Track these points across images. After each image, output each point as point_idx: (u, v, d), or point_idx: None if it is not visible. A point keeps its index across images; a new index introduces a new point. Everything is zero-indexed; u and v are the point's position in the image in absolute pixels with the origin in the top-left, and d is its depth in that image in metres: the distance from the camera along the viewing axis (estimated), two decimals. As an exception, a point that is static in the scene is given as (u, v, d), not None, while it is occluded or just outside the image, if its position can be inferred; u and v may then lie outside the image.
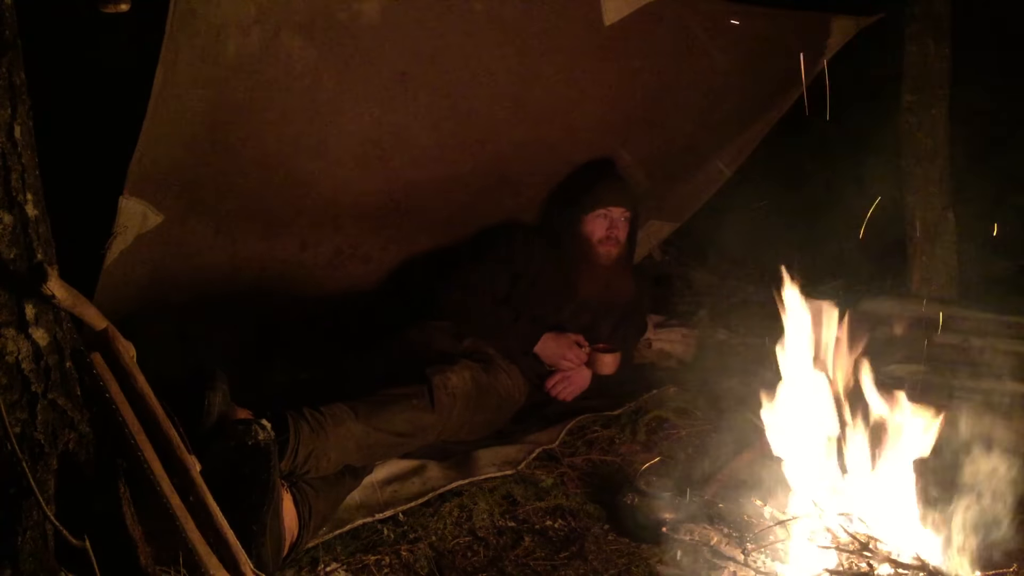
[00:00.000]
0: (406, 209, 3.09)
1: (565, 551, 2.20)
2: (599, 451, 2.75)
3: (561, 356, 3.08)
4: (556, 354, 3.08)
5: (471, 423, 2.76)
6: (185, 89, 2.15)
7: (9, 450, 1.60)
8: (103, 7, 1.81)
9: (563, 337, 3.09)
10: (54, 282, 1.65)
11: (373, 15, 2.28)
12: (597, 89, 2.96)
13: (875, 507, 2.02)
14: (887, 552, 1.90)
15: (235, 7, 2.08)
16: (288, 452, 2.18)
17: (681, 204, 4.04)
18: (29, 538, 1.63)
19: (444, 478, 2.50)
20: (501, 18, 2.49)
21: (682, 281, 4.47)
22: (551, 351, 3.08)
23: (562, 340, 3.08)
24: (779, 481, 2.40)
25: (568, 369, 3.10)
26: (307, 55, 2.28)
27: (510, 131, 2.93)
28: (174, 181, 2.40)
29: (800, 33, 3.24)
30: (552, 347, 3.07)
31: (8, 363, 1.64)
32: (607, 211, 3.14)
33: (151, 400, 1.79)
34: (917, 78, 3.34)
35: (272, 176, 2.61)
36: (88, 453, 1.76)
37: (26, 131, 1.65)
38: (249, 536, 1.85)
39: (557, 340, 3.08)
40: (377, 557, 2.13)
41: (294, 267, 3.04)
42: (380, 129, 2.64)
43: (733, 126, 3.64)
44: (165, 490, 1.70)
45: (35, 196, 1.68)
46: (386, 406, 2.48)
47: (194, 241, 2.67)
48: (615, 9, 2.64)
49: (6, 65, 1.60)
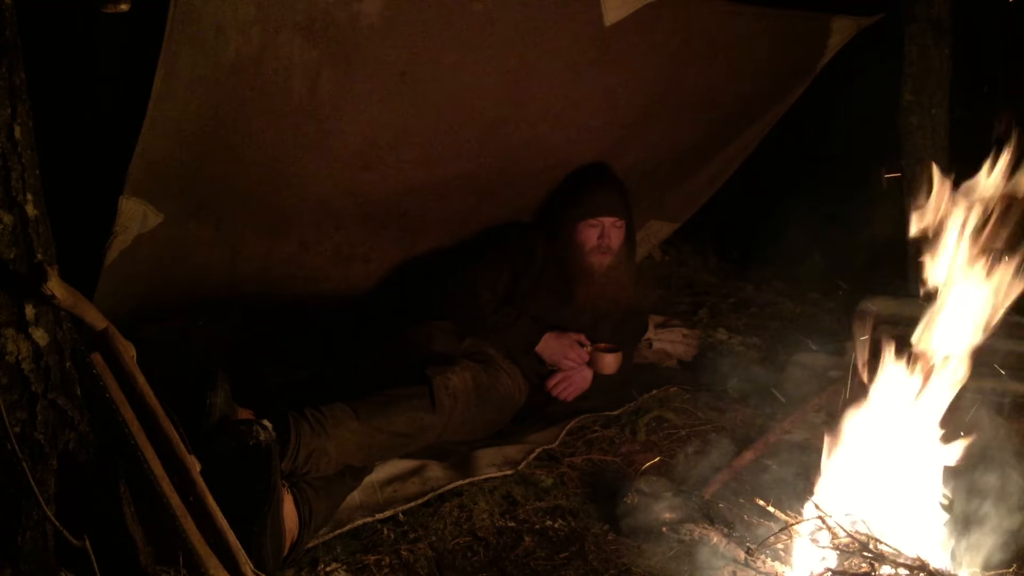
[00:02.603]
0: (406, 209, 3.09)
1: (565, 551, 2.20)
2: (599, 451, 2.75)
3: (563, 355, 3.08)
4: (558, 353, 3.08)
5: (472, 423, 2.76)
6: (185, 89, 2.15)
7: (9, 450, 1.60)
8: (103, 7, 1.81)
9: (564, 336, 3.09)
10: (54, 282, 1.65)
11: (373, 15, 2.28)
12: (597, 89, 2.95)
13: (876, 507, 2.02)
14: (888, 552, 1.90)
15: (235, 7, 2.08)
16: (289, 452, 2.19)
17: (681, 204, 4.04)
18: (29, 538, 1.64)
19: (444, 478, 2.50)
20: (501, 18, 2.49)
21: (682, 281, 4.48)
22: (553, 350, 3.08)
23: (563, 339, 3.08)
24: (779, 481, 2.41)
25: (569, 369, 3.10)
26: (307, 55, 2.28)
27: (510, 132, 2.93)
28: (174, 181, 2.40)
29: (800, 33, 3.24)
30: (554, 346, 3.07)
31: (8, 363, 1.64)
32: (598, 221, 3.13)
33: (151, 400, 1.79)
34: (917, 78, 3.35)
35: (272, 176, 2.61)
36: (88, 453, 1.76)
37: (26, 131, 1.65)
38: (249, 536, 1.85)
39: (559, 339, 3.08)
40: (377, 557, 2.13)
41: (294, 267, 3.04)
42: (380, 129, 2.64)
43: (733, 126, 3.64)
44: (165, 490, 1.70)
45: (35, 196, 1.68)
46: (387, 406, 2.48)
47: (194, 241, 2.67)
48: (615, 9, 2.63)
49: (6, 65, 1.60)
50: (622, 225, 3.17)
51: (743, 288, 4.34)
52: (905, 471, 2.06)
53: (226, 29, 2.10)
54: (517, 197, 3.34)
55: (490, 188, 3.19)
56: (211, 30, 2.08)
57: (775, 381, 3.06)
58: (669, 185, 3.81)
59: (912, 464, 2.06)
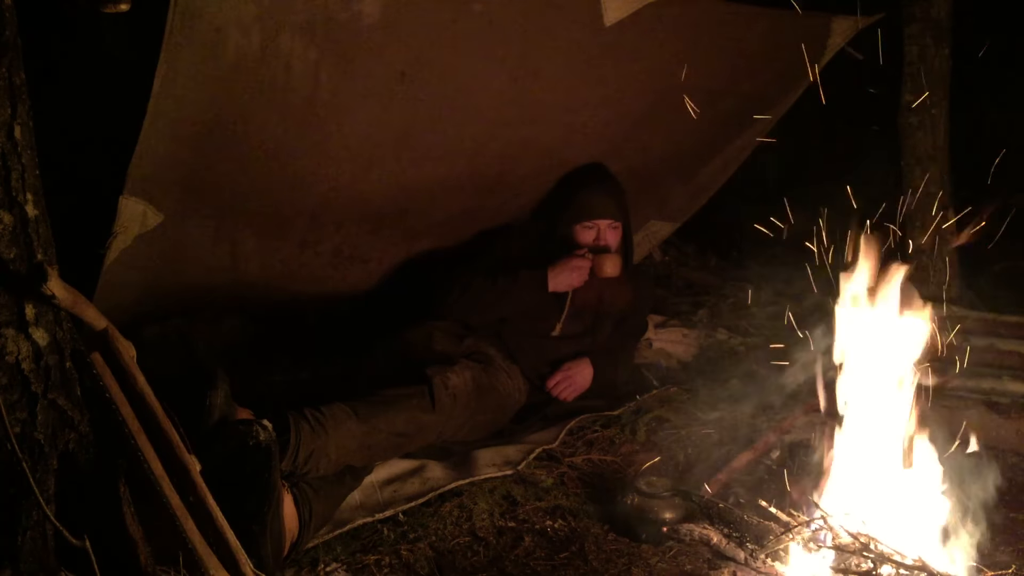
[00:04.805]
0: (406, 209, 3.09)
1: (565, 551, 2.20)
2: (599, 451, 2.75)
3: (574, 276, 3.05)
4: (569, 278, 3.05)
5: (471, 423, 2.76)
6: (185, 89, 2.15)
7: (9, 450, 1.60)
8: (103, 7, 1.81)
9: (564, 263, 3.05)
10: (54, 282, 1.65)
11: (373, 16, 2.28)
12: (597, 90, 2.95)
13: (877, 507, 2.02)
14: (888, 552, 1.90)
15: (235, 7, 2.08)
16: (289, 452, 2.19)
17: (681, 204, 4.04)
18: (29, 538, 1.63)
19: (444, 478, 2.50)
20: (501, 19, 2.49)
21: (682, 281, 4.48)
22: (563, 280, 3.05)
23: (565, 266, 3.05)
24: (779, 481, 2.41)
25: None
26: (307, 55, 2.28)
27: (510, 132, 2.93)
28: (174, 181, 2.40)
29: (800, 33, 3.23)
30: (563, 278, 3.04)
31: (8, 363, 1.64)
32: (593, 223, 3.12)
33: (151, 400, 1.79)
34: (917, 78, 3.35)
35: (272, 176, 2.61)
36: (88, 453, 1.76)
37: (26, 131, 1.65)
38: (249, 536, 1.85)
39: (562, 269, 3.05)
40: (377, 557, 2.13)
41: (294, 267, 3.04)
42: (380, 129, 2.64)
43: (733, 127, 3.64)
44: (165, 490, 1.70)
45: (35, 196, 1.68)
46: (387, 406, 2.48)
47: (194, 241, 2.67)
48: (615, 9, 2.63)
49: (6, 65, 1.60)
50: (618, 227, 3.16)
51: (743, 288, 4.34)
52: (903, 471, 2.06)
53: (226, 29, 2.10)
54: (517, 198, 3.34)
55: (490, 188, 3.19)
56: (211, 30, 2.08)
57: (775, 381, 3.05)
58: (669, 185, 3.81)
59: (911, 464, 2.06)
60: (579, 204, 3.14)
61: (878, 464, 2.08)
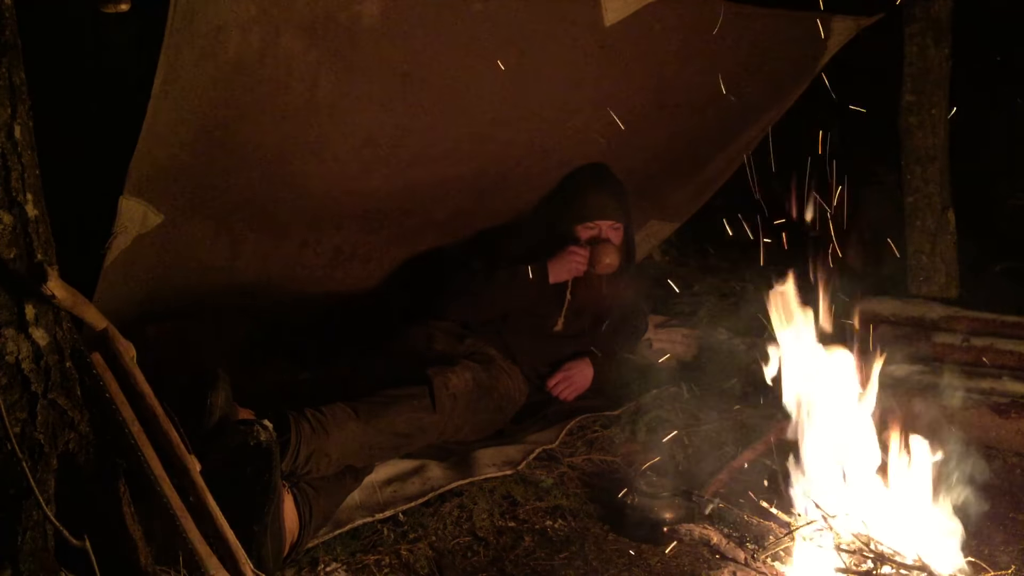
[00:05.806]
0: (406, 209, 3.09)
1: (565, 551, 2.20)
2: (599, 451, 2.75)
3: (572, 264, 3.06)
4: (568, 266, 3.06)
5: (472, 423, 2.76)
6: (185, 89, 2.15)
7: (9, 450, 1.60)
8: (103, 7, 1.81)
9: (563, 255, 3.06)
10: (54, 282, 1.65)
11: (374, 16, 2.28)
12: (597, 90, 2.95)
13: (877, 507, 2.02)
14: (889, 553, 1.90)
15: (235, 7, 2.08)
16: (289, 452, 2.19)
17: (681, 204, 4.04)
18: (29, 538, 1.63)
19: (444, 478, 2.50)
20: (501, 19, 2.49)
21: (682, 281, 4.48)
22: (564, 271, 3.06)
23: (564, 257, 3.06)
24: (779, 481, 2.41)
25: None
26: (308, 55, 2.28)
27: (510, 132, 2.93)
28: (174, 181, 2.40)
29: (800, 33, 3.24)
30: (561, 266, 3.06)
31: (8, 363, 1.64)
32: (595, 224, 3.12)
33: (151, 400, 1.79)
34: (917, 78, 3.35)
35: (272, 176, 2.60)
36: (88, 453, 1.76)
37: (26, 131, 1.65)
38: (250, 536, 1.85)
39: (561, 260, 3.06)
40: (377, 557, 2.13)
41: (294, 267, 3.04)
42: (380, 129, 2.64)
43: (733, 126, 3.63)
44: (165, 490, 1.70)
45: (35, 196, 1.68)
46: (387, 407, 2.48)
47: (194, 241, 2.67)
48: (615, 10, 2.63)
49: (6, 65, 1.60)
50: (620, 228, 3.16)
51: (743, 288, 4.34)
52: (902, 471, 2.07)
53: (226, 29, 2.10)
54: (517, 198, 3.34)
55: (490, 188, 3.19)
56: (211, 30, 2.07)
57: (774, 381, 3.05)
58: (669, 185, 3.81)
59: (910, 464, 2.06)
60: (581, 205, 3.14)
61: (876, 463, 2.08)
